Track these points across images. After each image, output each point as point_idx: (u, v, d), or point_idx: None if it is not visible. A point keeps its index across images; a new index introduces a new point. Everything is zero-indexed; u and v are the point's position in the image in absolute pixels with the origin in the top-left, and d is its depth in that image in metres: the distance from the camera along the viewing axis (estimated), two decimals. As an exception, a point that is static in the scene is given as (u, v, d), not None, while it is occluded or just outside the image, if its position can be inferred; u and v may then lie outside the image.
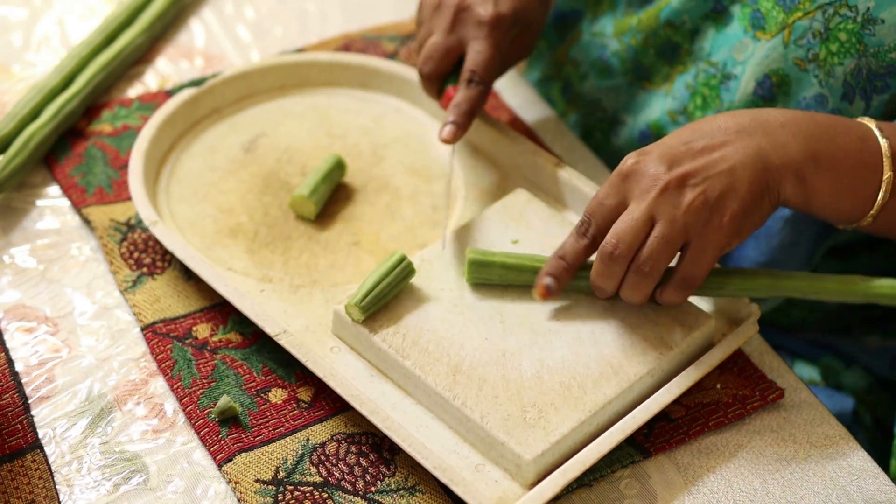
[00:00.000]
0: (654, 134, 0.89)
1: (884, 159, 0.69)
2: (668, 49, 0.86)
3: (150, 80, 0.96)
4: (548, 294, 0.71)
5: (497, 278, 0.73)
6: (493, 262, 0.73)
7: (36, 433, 0.69)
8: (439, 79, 0.82)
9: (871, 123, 0.71)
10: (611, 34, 0.90)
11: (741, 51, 0.80)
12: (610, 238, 0.68)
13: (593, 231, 0.70)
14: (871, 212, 0.70)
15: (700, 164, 0.68)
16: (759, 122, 0.70)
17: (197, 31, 1.02)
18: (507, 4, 0.81)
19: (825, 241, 0.85)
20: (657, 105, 0.88)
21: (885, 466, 0.75)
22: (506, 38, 0.81)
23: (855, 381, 0.90)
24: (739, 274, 0.72)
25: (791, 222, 0.83)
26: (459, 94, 0.80)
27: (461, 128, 0.79)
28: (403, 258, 0.73)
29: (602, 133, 0.94)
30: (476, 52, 0.80)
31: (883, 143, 0.69)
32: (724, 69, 0.81)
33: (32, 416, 0.70)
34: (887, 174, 0.69)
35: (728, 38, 0.81)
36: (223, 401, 0.70)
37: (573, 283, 0.72)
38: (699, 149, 0.69)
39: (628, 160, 0.69)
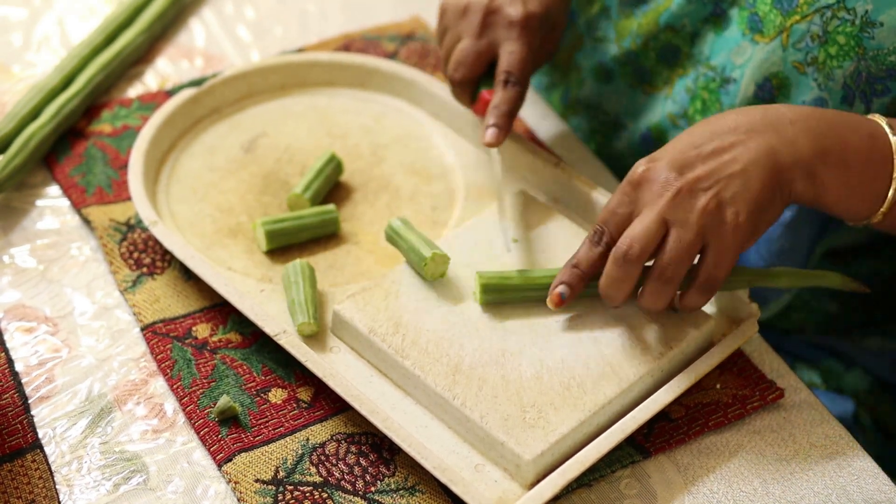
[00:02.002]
0: (654, 137, 0.89)
1: (894, 156, 0.69)
2: (668, 52, 0.86)
3: (150, 80, 0.96)
4: (562, 303, 0.71)
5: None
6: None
7: (36, 433, 0.69)
8: (472, 84, 0.82)
9: (881, 120, 0.70)
10: (612, 39, 0.90)
11: (739, 54, 0.80)
12: (623, 240, 0.68)
13: (607, 239, 0.70)
14: (882, 209, 0.70)
15: (711, 168, 0.68)
16: (769, 119, 0.69)
17: (197, 31, 1.02)
18: (535, 3, 0.81)
19: (821, 245, 0.85)
20: (658, 108, 0.88)
21: (886, 468, 0.75)
22: (536, 37, 0.81)
23: (855, 383, 0.90)
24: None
25: (789, 227, 0.83)
26: (497, 96, 0.79)
27: (503, 129, 0.78)
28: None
29: (604, 136, 0.94)
30: (510, 53, 0.80)
31: (893, 139, 0.69)
32: (722, 73, 0.81)
33: (32, 416, 0.70)
34: None
35: (726, 41, 0.81)
36: (223, 401, 0.70)
37: (584, 291, 0.72)
38: (709, 152, 0.68)
39: (639, 168, 0.69)
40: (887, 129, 0.70)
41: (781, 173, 0.68)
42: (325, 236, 0.81)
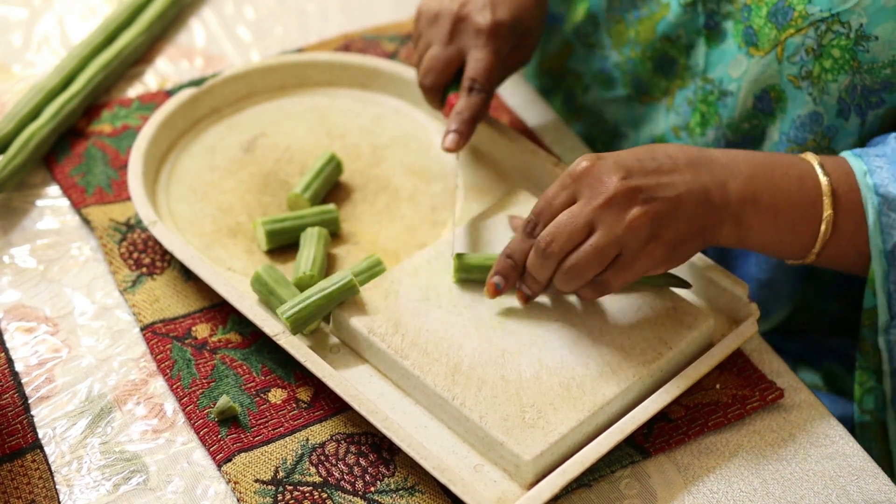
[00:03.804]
0: None
1: (824, 197, 0.70)
2: (664, 63, 0.86)
3: (150, 80, 0.96)
4: (497, 293, 0.72)
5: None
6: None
7: (36, 433, 0.69)
8: (441, 90, 0.83)
9: (813, 160, 0.71)
10: (609, 46, 0.90)
11: (735, 67, 0.80)
12: (545, 235, 0.69)
13: (539, 230, 0.71)
14: (815, 249, 0.71)
15: (651, 183, 0.68)
16: (705, 158, 0.70)
17: (197, 31, 1.02)
18: (504, 11, 0.81)
19: None
20: (660, 119, 0.88)
21: (887, 470, 0.75)
22: (505, 45, 0.82)
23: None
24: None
25: None
26: (461, 103, 0.80)
27: (463, 136, 0.80)
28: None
29: (604, 144, 0.95)
30: (476, 61, 0.80)
31: (823, 180, 0.70)
32: (720, 86, 0.82)
33: (32, 416, 0.70)
34: (827, 212, 0.70)
35: (723, 54, 0.81)
36: (222, 401, 0.70)
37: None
38: (652, 169, 0.69)
39: (582, 161, 0.70)
40: (818, 170, 0.70)
41: (710, 214, 0.69)
42: None
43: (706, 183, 0.69)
